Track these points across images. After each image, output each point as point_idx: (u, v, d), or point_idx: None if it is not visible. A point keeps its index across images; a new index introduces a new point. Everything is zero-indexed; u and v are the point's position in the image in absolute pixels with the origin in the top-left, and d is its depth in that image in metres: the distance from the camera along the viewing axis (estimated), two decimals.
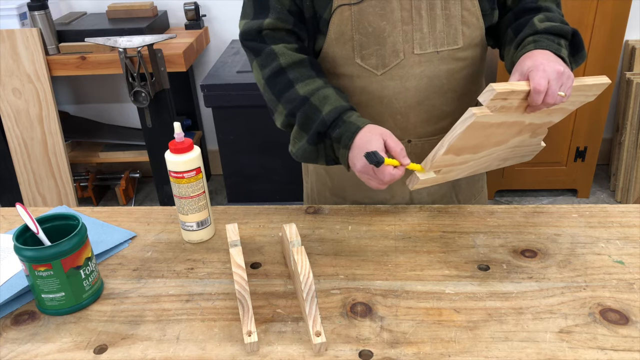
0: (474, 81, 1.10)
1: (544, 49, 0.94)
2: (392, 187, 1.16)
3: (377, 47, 1.02)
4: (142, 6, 2.61)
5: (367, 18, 1.00)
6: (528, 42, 0.97)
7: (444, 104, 1.08)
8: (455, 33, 1.02)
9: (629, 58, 2.64)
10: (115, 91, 2.93)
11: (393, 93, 1.05)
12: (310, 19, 1.04)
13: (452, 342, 0.78)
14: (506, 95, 0.87)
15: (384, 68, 1.03)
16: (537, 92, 0.87)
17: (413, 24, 1.00)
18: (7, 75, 2.40)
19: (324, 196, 1.24)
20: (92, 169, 2.94)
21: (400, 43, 1.01)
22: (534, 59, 0.91)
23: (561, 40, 0.97)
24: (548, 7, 1.03)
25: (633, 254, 0.95)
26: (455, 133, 0.89)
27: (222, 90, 2.22)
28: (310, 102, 0.98)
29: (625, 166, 2.63)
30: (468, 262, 0.94)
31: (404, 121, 1.08)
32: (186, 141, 0.97)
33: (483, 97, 0.86)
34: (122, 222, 1.10)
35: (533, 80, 0.87)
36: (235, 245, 0.89)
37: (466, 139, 0.92)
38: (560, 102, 0.90)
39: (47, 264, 0.83)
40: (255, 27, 1.03)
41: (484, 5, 1.02)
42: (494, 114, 0.89)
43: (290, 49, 1.02)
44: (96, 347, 0.80)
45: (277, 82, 1.02)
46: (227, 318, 0.85)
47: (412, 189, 0.99)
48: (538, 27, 0.98)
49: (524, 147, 1.09)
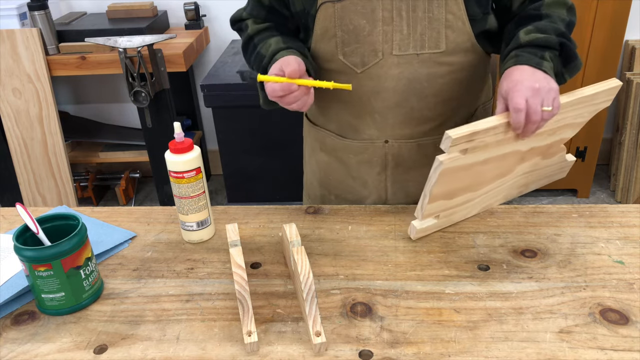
0: (466, 88, 1.08)
1: (524, 64, 0.92)
2: (368, 184, 1.17)
3: (357, 45, 1.02)
4: (142, 6, 2.61)
5: (349, 16, 1.00)
6: (510, 57, 0.96)
7: (425, 107, 1.07)
8: (437, 36, 1.00)
9: (629, 58, 2.64)
10: (115, 91, 2.93)
11: (371, 92, 1.06)
12: (300, 14, 1.07)
13: (452, 342, 0.78)
14: (469, 138, 0.85)
15: (363, 67, 1.04)
16: (516, 110, 0.86)
17: (393, 25, 1.00)
18: (7, 75, 2.40)
19: (314, 186, 1.28)
20: (92, 169, 2.94)
21: (380, 43, 1.01)
22: (510, 78, 0.91)
23: (545, 53, 0.94)
24: (549, 15, 0.99)
25: (633, 254, 0.95)
26: (432, 181, 0.90)
27: (222, 90, 2.22)
28: (261, 53, 1.07)
29: (625, 166, 2.63)
30: (468, 262, 0.94)
31: (382, 121, 1.09)
32: (186, 141, 0.97)
33: (443, 144, 0.85)
34: (122, 222, 1.10)
35: (510, 101, 0.87)
36: (235, 245, 0.89)
37: (447, 183, 0.92)
38: (550, 118, 0.89)
39: (47, 264, 0.83)
40: (238, 15, 1.17)
41: (472, 10, 1.00)
42: (467, 155, 0.88)
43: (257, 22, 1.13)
44: (96, 347, 0.80)
45: (247, 49, 1.14)
46: (227, 318, 0.85)
47: (414, 238, 1.00)
48: (522, 40, 0.96)
49: (545, 169, 1.06)
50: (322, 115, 1.17)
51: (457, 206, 0.99)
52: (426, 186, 0.92)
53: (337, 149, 1.17)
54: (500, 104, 0.92)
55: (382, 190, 1.17)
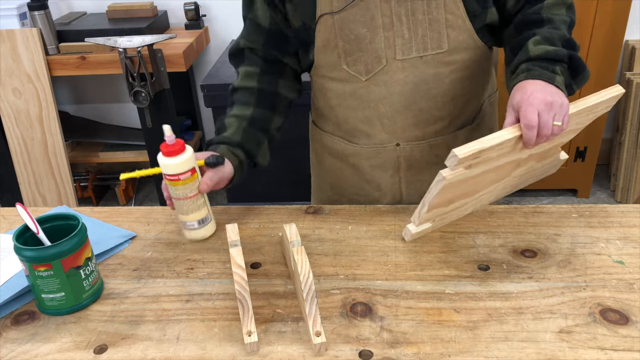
0: (471, 83, 1.09)
1: (536, 78, 0.91)
2: (382, 187, 1.17)
3: (360, 54, 1.02)
4: (142, 6, 2.61)
5: (349, 26, 1.00)
6: (521, 70, 0.95)
7: (433, 108, 1.07)
8: (439, 37, 1.00)
9: (629, 58, 2.64)
10: (115, 91, 2.93)
11: (379, 98, 1.06)
12: (300, 30, 1.06)
13: (452, 342, 0.78)
14: (476, 156, 0.84)
15: (368, 74, 1.04)
16: (529, 127, 0.86)
17: (394, 30, 1.00)
18: (7, 75, 2.40)
19: (324, 191, 1.27)
20: (92, 169, 2.94)
21: (382, 49, 1.01)
22: (523, 91, 0.89)
23: (556, 67, 0.93)
24: (551, 19, 0.99)
25: (633, 254, 0.95)
26: (432, 193, 0.90)
27: (222, 90, 2.22)
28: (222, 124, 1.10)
29: (625, 166, 2.63)
30: (468, 262, 0.94)
31: (391, 125, 1.09)
32: (177, 142, 0.95)
33: (448, 162, 0.84)
34: (122, 222, 1.10)
35: (523, 117, 0.86)
36: (235, 245, 0.89)
37: (447, 194, 0.92)
38: (559, 132, 0.88)
39: (47, 264, 0.83)
40: (235, 46, 1.15)
41: (471, 6, 0.99)
42: (470, 170, 0.87)
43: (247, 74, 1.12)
44: (96, 347, 0.80)
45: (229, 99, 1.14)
46: (227, 318, 0.85)
47: (408, 240, 1.00)
48: (532, 53, 0.95)
49: (538, 169, 1.07)
50: (330, 123, 1.17)
51: (452, 211, 1.00)
52: (426, 196, 0.92)
53: (347, 154, 1.16)
54: (510, 115, 0.90)
55: (397, 192, 1.17)
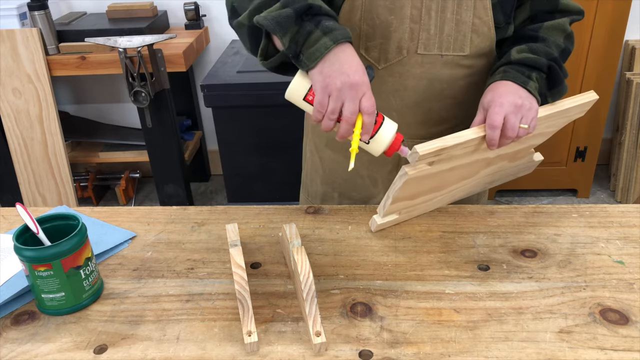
0: (478, 90, 1.08)
1: (510, 80, 0.93)
2: (378, 182, 1.17)
3: (381, 41, 1.01)
4: (142, 6, 2.61)
5: (377, 10, 0.99)
6: (498, 72, 0.97)
7: (442, 109, 1.07)
8: (463, 39, 1.00)
9: (629, 58, 2.64)
10: (115, 91, 2.93)
11: (391, 89, 1.05)
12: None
13: (452, 342, 0.78)
14: (437, 153, 0.85)
15: (386, 63, 1.03)
16: (492, 128, 0.87)
17: (421, 23, 0.99)
18: (7, 75, 2.40)
19: (315, 183, 1.26)
20: (92, 169, 2.95)
21: (405, 40, 1.01)
22: (495, 91, 0.92)
23: (532, 73, 0.95)
24: (546, 38, 1.00)
25: (633, 254, 0.95)
26: (395, 187, 0.91)
27: (222, 90, 2.22)
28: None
29: (625, 166, 2.63)
30: (468, 262, 0.94)
31: (399, 119, 1.08)
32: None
33: (410, 157, 0.85)
34: (122, 222, 1.10)
35: (488, 117, 0.88)
36: (235, 245, 0.89)
37: (411, 189, 0.92)
38: (524, 135, 0.90)
39: (47, 264, 0.83)
40: None
41: (498, 17, 1.00)
42: (433, 166, 0.88)
43: None
44: (96, 347, 0.80)
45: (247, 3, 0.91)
46: (227, 318, 0.85)
47: (374, 230, 1.01)
48: (512, 57, 0.97)
49: (512, 168, 1.07)
50: None
51: (420, 204, 1.01)
52: (390, 189, 0.93)
53: (346, 146, 1.16)
54: (480, 114, 0.93)
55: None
